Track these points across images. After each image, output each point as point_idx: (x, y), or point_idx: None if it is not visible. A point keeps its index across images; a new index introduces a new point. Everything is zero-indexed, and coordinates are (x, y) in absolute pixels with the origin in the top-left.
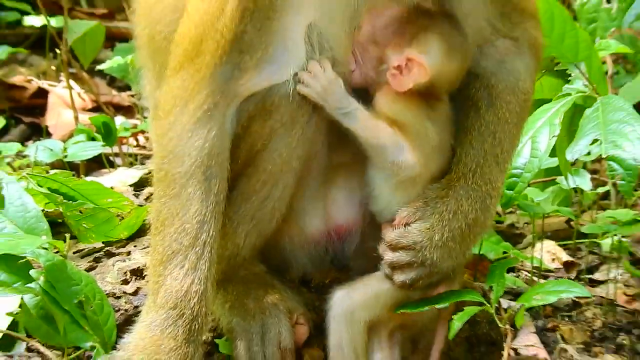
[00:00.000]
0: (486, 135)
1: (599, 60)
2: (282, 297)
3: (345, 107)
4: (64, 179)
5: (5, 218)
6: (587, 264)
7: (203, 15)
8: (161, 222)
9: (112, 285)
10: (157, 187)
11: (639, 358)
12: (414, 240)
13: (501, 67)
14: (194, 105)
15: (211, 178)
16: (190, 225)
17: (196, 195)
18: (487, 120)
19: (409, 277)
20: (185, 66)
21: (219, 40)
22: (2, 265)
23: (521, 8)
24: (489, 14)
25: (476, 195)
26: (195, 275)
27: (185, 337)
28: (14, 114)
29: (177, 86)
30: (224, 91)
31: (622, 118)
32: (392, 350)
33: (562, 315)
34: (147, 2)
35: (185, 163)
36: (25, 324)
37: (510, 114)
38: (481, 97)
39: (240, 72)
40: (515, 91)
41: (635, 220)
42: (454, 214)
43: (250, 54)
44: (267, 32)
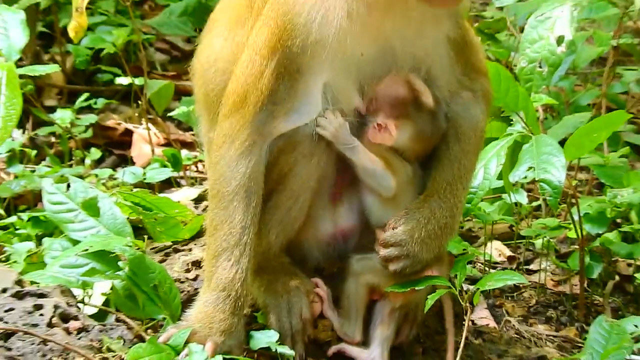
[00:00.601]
0: (453, 162)
1: (534, 109)
2: (302, 282)
3: (349, 144)
4: (144, 195)
5: (100, 224)
6: (524, 258)
7: (247, 77)
8: (214, 227)
9: (178, 273)
10: (211, 202)
11: (562, 327)
12: (400, 239)
13: (465, 111)
14: (239, 142)
15: (250, 195)
16: (235, 230)
17: (240, 208)
18: (454, 151)
19: (399, 266)
20: (233, 113)
21: (258, 95)
22: (97, 259)
23: (477, 68)
24: (455, 72)
25: (446, 206)
26: (239, 267)
27: (231, 311)
28: (108, 148)
29: (227, 127)
30: (261, 132)
31: (550, 151)
32: (390, 323)
33: (506, 296)
34: (202, 67)
35: (232, 184)
36: (114, 302)
37: (470, 147)
38: (450, 134)
39: (273, 119)
40: (474, 130)
41: (560, 226)
42: (429, 220)
43: (281, 105)
44: (294, 90)
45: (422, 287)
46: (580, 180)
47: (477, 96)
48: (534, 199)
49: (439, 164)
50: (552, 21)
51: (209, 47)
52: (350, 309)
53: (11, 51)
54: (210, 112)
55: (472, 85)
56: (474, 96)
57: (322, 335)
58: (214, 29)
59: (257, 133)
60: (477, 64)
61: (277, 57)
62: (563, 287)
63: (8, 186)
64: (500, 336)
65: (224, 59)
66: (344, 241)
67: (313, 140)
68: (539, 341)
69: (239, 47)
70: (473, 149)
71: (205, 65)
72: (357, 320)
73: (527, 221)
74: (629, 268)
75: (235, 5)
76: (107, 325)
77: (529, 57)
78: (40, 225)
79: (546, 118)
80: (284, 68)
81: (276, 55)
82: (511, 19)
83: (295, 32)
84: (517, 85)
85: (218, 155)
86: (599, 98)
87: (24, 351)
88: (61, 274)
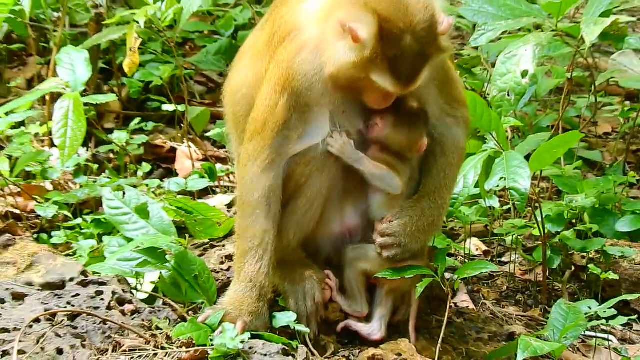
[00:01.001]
0: (440, 172)
1: (503, 130)
2: (315, 272)
3: (355, 157)
4: (185, 201)
5: (150, 225)
6: (497, 252)
7: (265, 108)
8: (241, 231)
9: (214, 265)
10: (238, 210)
11: (529, 308)
12: (394, 230)
13: (449, 132)
14: (260, 160)
15: (270, 204)
16: (258, 233)
17: (261, 215)
18: (440, 164)
19: (391, 253)
20: (255, 137)
21: (275, 123)
22: (148, 253)
23: (458, 100)
24: (439, 102)
25: (434, 207)
26: (262, 263)
27: (257, 297)
28: (156, 162)
29: (251, 149)
30: (278, 152)
31: (517, 164)
32: (387, 303)
33: (483, 283)
34: (232, 91)
35: (255, 195)
36: (162, 288)
37: (454, 160)
38: (437, 150)
39: (289, 141)
40: (456, 147)
41: (526, 226)
42: (420, 217)
43: (295, 131)
44: (304, 118)
45: (410, 276)
46: (542, 188)
47: (458, 121)
48: (505, 204)
49: (429, 173)
50: (518, 58)
51: (237, 75)
52: (352, 289)
53: (77, 84)
54: (238, 130)
55: (454, 112)
56: (456, 121)
57: (332, 316)
58: (241, 60)
59: (275, 153)
60: (457, 96)
61: (287, 94)
62: (529, 275)
63: (75, 194)
64: (478, 316)
65: (248, 85)
66: (350, 237)
67: (324, 156)
68: (510, 320)
69: (259, 76)
70: (456, 162)
71: (234, 90)
72: (362, 298)
73: (499, 222)
74: (582, 260)
75: (259, 41)
76: (156, 308)
77: (499, 88)
78: (101, 226)
79: (514, 137)
80: (294, 102)
81: (286, 92)
82: (484, 56)
83: (298, 79)
84: (490, 110)
85: (244, 172)
86: (557, 121)
87: (88, 329)
88: (118, 266)
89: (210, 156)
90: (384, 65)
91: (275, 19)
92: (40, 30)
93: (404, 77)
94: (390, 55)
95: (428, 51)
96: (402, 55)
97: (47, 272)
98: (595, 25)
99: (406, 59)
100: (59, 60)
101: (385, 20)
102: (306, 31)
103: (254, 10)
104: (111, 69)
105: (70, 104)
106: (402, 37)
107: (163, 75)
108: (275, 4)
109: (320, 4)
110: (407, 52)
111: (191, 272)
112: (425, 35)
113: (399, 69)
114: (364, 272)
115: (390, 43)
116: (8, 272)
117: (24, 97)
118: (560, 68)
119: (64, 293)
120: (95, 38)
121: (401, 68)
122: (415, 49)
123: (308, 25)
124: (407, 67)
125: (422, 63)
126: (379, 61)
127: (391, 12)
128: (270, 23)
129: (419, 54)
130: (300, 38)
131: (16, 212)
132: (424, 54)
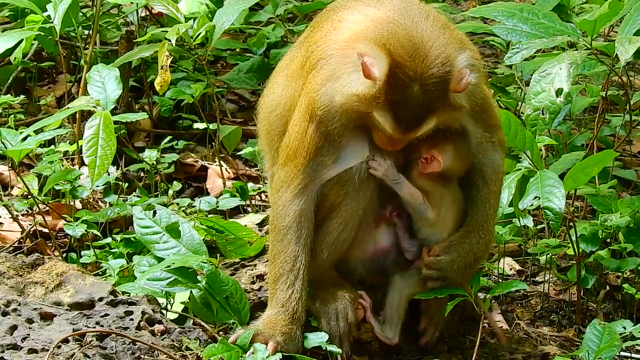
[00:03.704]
0: (485, 202)
1: (538, 149)
2: (348, 292)
3: (396, 180)
4: (216, 220)
5: (181, 244)
6: (531, 271)
7: (296, 135)
8: (273, 256)
9: (245, 284)
10: (270, 235)
11: (563, 328)
12: (441, 266)
13: (487, 159)
14: (292, 186)
15: (302, 229)
16: (289, 258)
17: (293, 239)
18: (484, 194)
19: (435, 285)
20: (288, 163)
21: (306, 150)
22: (178, 273)
23: (493, 124)
24: (478, 130)
25: (482, 242)
26: (294, 288)
27: (290, 320)
28: (187, 181)
29: (283, 175)
30: (312, 177)
31: (552, 184)
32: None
33: (516, 302)
34: (267, 108)
35: (285, 220)
36: (192, 308)
37: (495, 187)
38: (478, 179)
39: (323, 167)
40: (496, 172)
41: (560, 245)
42: (468, 253)
43: (328, 157)
44: (337, 144)
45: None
46: (576, 207)
47: (495, 146)
48: (539, 223)
49: (474, 204)
50: (552, 77)
51: (272, 93)
52: (392, 316)
53: (107, 102)
54: (272, 148)
55: (491, 138)
56: (493, 146)
57: (364, 336)
58: (277, 77)
59: (309, 178)
60: (493, 122)
61: (315, 122)
62: (563, 295)
63: (104, 213)
64: (511, 336)
65: (282, 106)
66: (384, 258)
67: (361, 176)
68: (544, 340)
69: (292, 99)
70: (497, 189)
71: (269, 108)
72: (398, 325)
73: (533, 241)
74: (617, 279)
75: (294, 61)
76: (186, 328)
77: (534, 106)
78: (131, 245)
79: (548, 156)
80: (324, 129)
81: (314, 120)
82: (518, 74)
83: (323, 108)
84: (524, 129)
85: (276, 197)
86: (591, 140)
87: (117, 350)
88: (148, 286)
89: (242, 175)
90: (387, 107)
91: (310, 42)
92: (71, 47)
93: (404, 123)
94: (393, 99)
95: (434, 105)
96: (406, 102)
97: (76, 292)
98: (630, 44)
99: (409, 107)
100: (89, 78)
101: (396, 64)
102: (331, 61)
103: (285, 28)
104: (142, 86)
105: (101, 122)
106: (410, 85)
107: (194, 94)
108: (313, 25)
109: (348, 33)
110: (411, 100)
111: (222, 292)
112: (434, 89)
113: (401, 115)
114: (410, 297)
115: (396, 88)
116: (37, 292)
117: (54, 115)
118: (595, 86)
119: (93, 313)
120: (126, 56)
121: (403, 114)
122: (421, 99)
123: (335, 55)
124: (409, 114)
125: (426, 114)
126: (382, 102)
127: (405, 58)
128: (305, 45)
129: (424, 105)
130: (326, 68)
131: (45, 231)
132: (429, 107)
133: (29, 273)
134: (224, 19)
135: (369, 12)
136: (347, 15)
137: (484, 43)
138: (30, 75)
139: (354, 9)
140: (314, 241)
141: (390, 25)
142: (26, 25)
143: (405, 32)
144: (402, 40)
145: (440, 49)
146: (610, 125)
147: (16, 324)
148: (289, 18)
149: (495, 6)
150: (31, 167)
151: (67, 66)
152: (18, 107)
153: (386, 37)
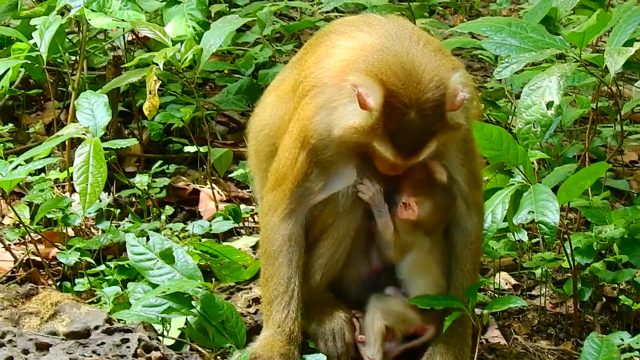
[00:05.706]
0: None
1: (530, 163)
2: (343, 311)
3: (380, 208)
4: (210, 244)
5: (175, 270)
6: (527, 285)
7: (286, 160)
8: (265, 279)
9: (241, 308)
10: (261, 258)
11: (560, 342)
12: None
13: (465, 226)
14: (280, 210)
15: (293, 252)
16: (282, 280)
17: (284, 262)
18: (462, 265)
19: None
20: (276, 188)
21: (295, 176)
22: (174, 299)
23: (476, 177)
24: (462, 173)
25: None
26: (289, 309)
27: (287, 341)
28: (179, 205)
29: (271, 199)
30: (299, 202)
31: (545, 197)
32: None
33: (513, 317)
34: (256, 128)
35: (275, 244)
36: (189, 334)
37: (468, 266)
38: (457, 241)
39: (310, 192)
40: (472, 241)
41: (555, 258)
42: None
43: (316, 183)
44: (326, 171)
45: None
46: (570, 219)
47: (471, 211)
48: (534, 237)
49: (453, 272)
50: (542, 90)
51: (262, 112)
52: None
53: (97, 128)
54: (260, 169)
55: (469, 198)
56: (469, 212)
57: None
58: (268, 96)
59: (296, 202)
60: (476, 173)
61: (306, 150)
62: (560, 308)
63: (97, 240)
64: (509, 351)
65: (270, 126)
66: (377, 277)
67: (352, 198)
68: (542, 354)
69: (282, 121)
70: (471, 268)
71: (258, 127)
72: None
73: (528, 255)
74: (613, 291)
75: (286, 82)
76: (183, 354)
77: (525, 120)
78: (125, 272)
79: (540, 169)
80: (314, 157)
81: (306, 147)
82: (508, 88)
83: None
84: (516, 144)
85: (264, 221)
86: (583, 151)
87: None
88: (144, 313)
89: (234, 197)
90: (386, 136)
91: (303, 66)
92: (58, 74)
93: (405, 150)
94: (391, 128)
95: (433, 128)
96: (405, 130)
97: (72, 321)
98: (619, 55)
99: (409, 134)
100: (78, 105)
101: (391, 93)
102: (325, 90)
103: (273, 49)
104: (131, 111)
105: (91, 149)
106: (406, 112)
107: (184, 117)
108: (306, 48)
109: (341, 62)
110: (410, 127)
111: (218, 317)
112: (431, 113)
113: (401, 142)
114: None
115: (394, 117)
116: (32, 323)
117: (44, 144)
118: (585, 97)
119: (89, 342)
120: (114, 81)
121: (403, 141)
122: (419, 125)
123: (328, 84)
124: (409, 141)
125: (426, 138)
126: (381, 131)
127: (399, 86)
128: (298, 68)
129: (423, 130)
130: (320, 97)
131: (38, 260)
132: (429, 131)
133: (24, 303)
134: (212, 42)
135: (361, 38)
136: (340, 41)
137: (472, 57)
138: (19, 103)
139: (347, 35)
140: (307, 263)
141: (381, 53)
142: (12, 54)
143: (396, 59)
144: (393, 67)
145: (433, 72)
146: (601, 135)
147: (12, 355)
148: (277, 38)
149: (483, 21)
150: (22, 196)
151: (55, 93)
152: (7, 136)
153: (377, 66)
